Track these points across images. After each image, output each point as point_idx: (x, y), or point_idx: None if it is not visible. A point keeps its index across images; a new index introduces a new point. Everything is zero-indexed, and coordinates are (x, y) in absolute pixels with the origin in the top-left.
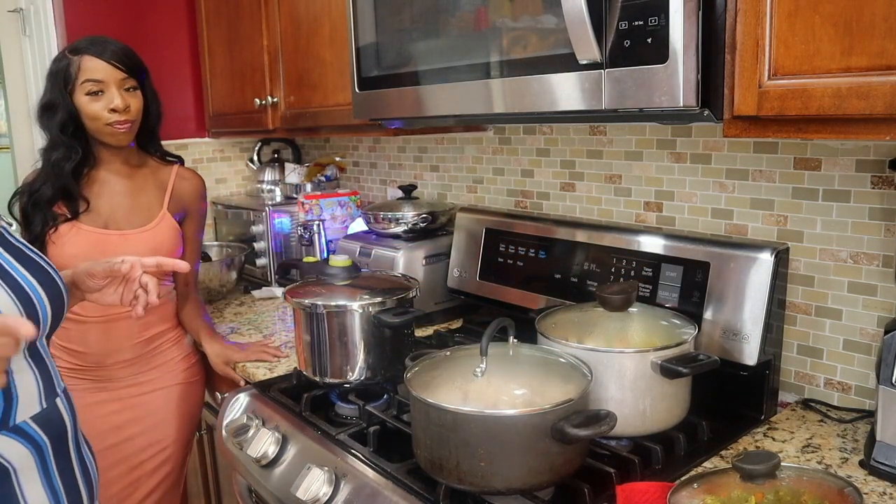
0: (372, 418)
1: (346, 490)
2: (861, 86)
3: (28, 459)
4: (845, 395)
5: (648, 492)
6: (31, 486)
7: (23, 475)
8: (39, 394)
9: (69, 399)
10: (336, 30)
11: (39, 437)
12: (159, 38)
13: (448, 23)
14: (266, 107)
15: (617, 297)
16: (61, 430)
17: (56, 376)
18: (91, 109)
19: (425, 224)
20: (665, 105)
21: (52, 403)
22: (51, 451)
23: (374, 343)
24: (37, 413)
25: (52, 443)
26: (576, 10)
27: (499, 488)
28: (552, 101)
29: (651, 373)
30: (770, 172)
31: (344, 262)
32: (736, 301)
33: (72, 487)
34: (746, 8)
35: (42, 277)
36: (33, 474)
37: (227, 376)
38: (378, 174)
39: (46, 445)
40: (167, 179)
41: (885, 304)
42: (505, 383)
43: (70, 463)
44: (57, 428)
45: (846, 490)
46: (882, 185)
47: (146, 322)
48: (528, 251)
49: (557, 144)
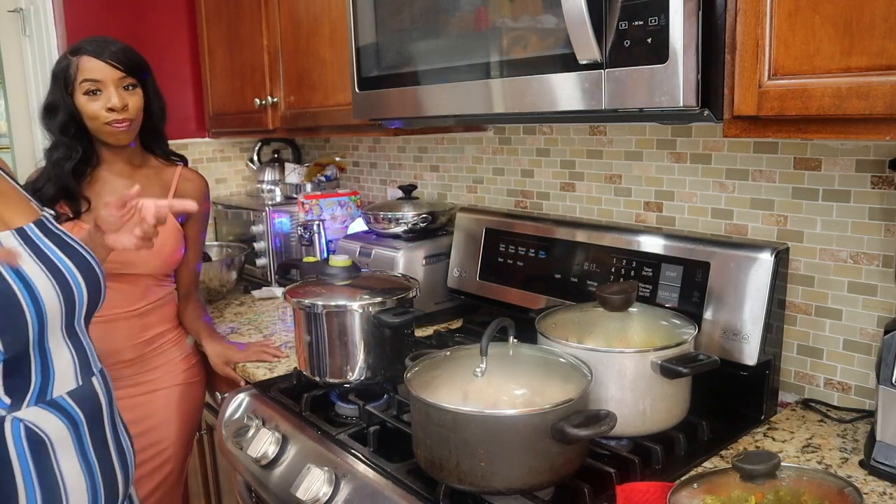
0: (372, 418)
1: (346, 490)
2: (861, 86)
3: (64, 433)
4: (845, 395)
5: (648, 492)
6: (67, 460)
7: (59, 449)
8: (75, 371)
9: (105, 379)
10: (336, 30)
11: (75, 412)
12: (159, 38)
13: (448, 23)
14: (266, 107)
15: (617, 297)
16: (96, 407)
17: (93, 356)
18: (90, 109)
19: (425, 224)
20: (665, 105)
21: (87, 381)
22: (86, 428)
23: (374, 343)
24: (73, 389)
25: (88, 419)
26: (576, 10)
27: (499, 488)
28: (552, 101)
29: (651, 373)
30: (770, 172)
31: (344, 262)
32: (736, 301)
33: (107, 466)
34: (746, 8)
35: (78, 260)
36: (69, 448)
37: (228, 376)
38: (378, 174)
39: (82, 421)
40: (170, 180)
41: (885, 304)
42: (505, 383)
43: (106, 441)
44: (92, 405)
45: (846, 490)
46: (882, 185)
47: (147, 322)
48: (528, 251)
49: (557, 144)
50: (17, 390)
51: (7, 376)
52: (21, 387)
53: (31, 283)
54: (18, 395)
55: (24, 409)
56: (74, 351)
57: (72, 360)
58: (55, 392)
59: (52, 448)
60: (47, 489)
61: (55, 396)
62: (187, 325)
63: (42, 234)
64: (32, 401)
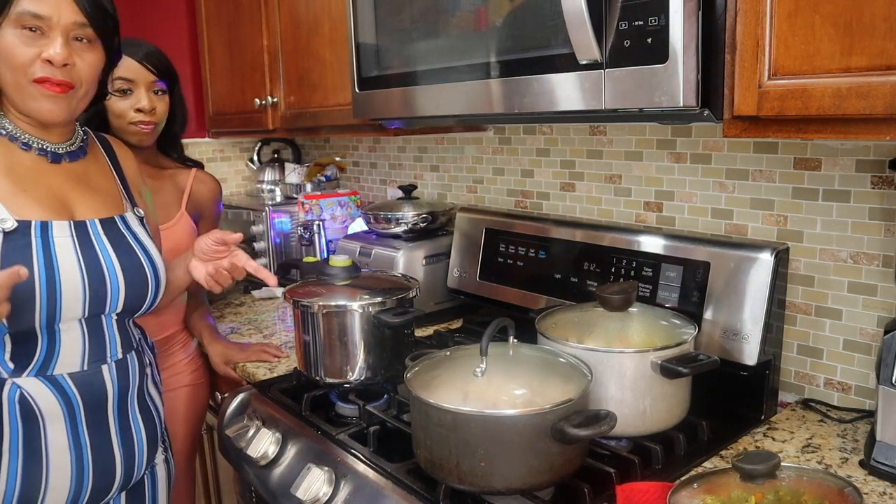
0: (372, 418)
1: (346, 490)
2: (861, 86)
3: (56, 409)
4: (845, 395)
5: (648, 492)
6: (55, 435)
7: (49, 423)
8: (83, 355)
9: (125, 371)
10: (336, 30)
11: (73, 393)
12: (159, 38)
13: (448, 23)
14: (266, 107)
15: (617, 297)
16: (100, 394)
17: (113, 348)
18: (118, 107)
19: (425, 224)
20: (665, 105)
21: (95, 368)
22: (82, 410)
23: (374, 343)
24: (76, 372)
25: (86, 403)
26: (576, 10)
27: (499, 488)
28: (552, 101)
29: (651, 373)
30: (770, 172)
31: (344, 262)
32: (736, 301)
33: (103, 450)
34: (746, 8)
35: (129, 262)
36: (59, 425)
37: (228, 376)
38: (378, 174)
39: (79, 403)
40: (185, 182)
41: (885, 304)
42: (505, 383)
43: (106, 427)
44: (96, 391)
45: (846, 490)
46: (882, 185)
47: (163, 321)
48: (528, 251)
49: (557, 144)
50: (22, 358)
51: (15, 344)
52: (25, 356)
53: (55, 273)
54: (22, 362)
55: (24, 378)
56: (89, 338)
57: (82, 345)
58: (56, 370)
59: (41, 420)
60: (29, 456)
61: (55, 373)
62: (192, 324)
63: (103, 230)
64: (33, 372)
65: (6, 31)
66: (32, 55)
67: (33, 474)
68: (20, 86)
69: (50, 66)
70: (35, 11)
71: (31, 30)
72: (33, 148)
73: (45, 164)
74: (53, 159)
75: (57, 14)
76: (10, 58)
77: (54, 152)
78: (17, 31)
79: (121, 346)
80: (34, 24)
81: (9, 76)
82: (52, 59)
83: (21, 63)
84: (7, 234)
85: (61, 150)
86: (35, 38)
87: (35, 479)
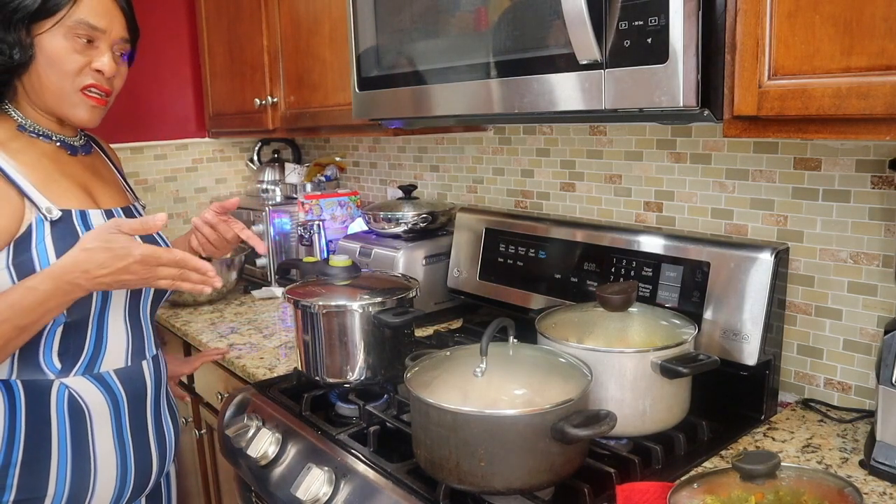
0: (372, 418)
1: (346, 490)
2: (861, 86)
3: (103, 407)
4: (845, 395)
5: (648, 492)
6: (102, 434)
7: (97, 422)
8: (127, 351)
9: (158, 365)
10: (336, 30)
11: (118, 390)
12: (159, 37)
13: (448, 23)
14: (266, 107)
15: (617, 297)
16: (141, 390)
17: (149, 342)
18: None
19: (425, 224)
20: (665, 105)
21: (137, 364)
22: (126, 406)
23: (374, 343)
24: (120, 368)
25: (130, 399)
26: (576, 10)
27: (499, 488)
28: (552, 102)
29: (651, 373)
30: (770, 172)
31: (344, 262)
32: (736, 301)
33: (142, 446)
34: (746, 8)
35: None
36: (106, 423)
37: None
38: (378, 174)
39: (123, 400)
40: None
41: (885, 304)
42: (505, 383)
43: (145, 423)
44: (137, 387)
45: (846, 490)
46: (882, 185)
47: None
48: (528, 251)
49: (557, 144)
50: (70, 356)
51: (64, 339)
52: (73, 354)
53: None
54: (69, 361)
55: (72, 377)
56: (132, 333)
57: (126, 340)
58: (103, 367)
59: (89, 419)
60: (79, 456)
61: (102, 371)
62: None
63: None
64: (81, 370)
65: (57, 36)
66: (82, 63)
67: (83, 475)
68: (64, 92)
69: (100, 75)
70: (93, 23)
71: (84, 39)
72: (54, 140)
73: (66, 156)
74: (72, 152)
75: (110, 27)
76: (61, 63)
77: (72, 145)
78: (69, 38)
79: (154, 341)
80: (89, 34)
81: (54, 80)
82: (103, 70)
83: (70, 70)
84: (53, 223)
85: (76, 143)
86: (86, 47)
87: (84, 479)
